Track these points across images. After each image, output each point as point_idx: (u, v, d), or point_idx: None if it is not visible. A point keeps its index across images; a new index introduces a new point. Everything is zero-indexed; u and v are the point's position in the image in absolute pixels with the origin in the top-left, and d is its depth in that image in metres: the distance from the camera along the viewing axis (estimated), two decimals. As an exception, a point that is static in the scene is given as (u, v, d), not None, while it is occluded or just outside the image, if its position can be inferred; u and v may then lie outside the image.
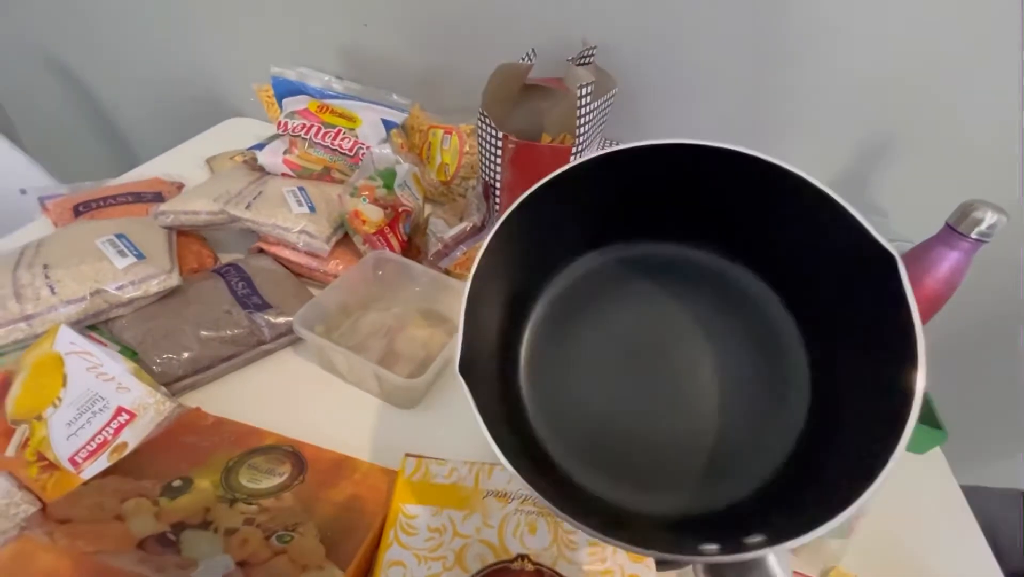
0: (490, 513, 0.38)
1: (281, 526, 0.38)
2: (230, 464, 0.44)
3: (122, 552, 0.34)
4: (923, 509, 0.57)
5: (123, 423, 0.46)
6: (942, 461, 0.63)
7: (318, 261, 0.65)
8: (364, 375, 0.55)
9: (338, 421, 0.55)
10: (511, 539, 0.37)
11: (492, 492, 0.39)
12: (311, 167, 0.70)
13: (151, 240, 0.58)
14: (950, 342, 0.82)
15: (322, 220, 0.64)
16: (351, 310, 0.61)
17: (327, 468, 0.46)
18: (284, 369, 0.59)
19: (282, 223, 0.62)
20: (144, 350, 0.52)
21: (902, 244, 0.71)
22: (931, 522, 0.56)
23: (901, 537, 0.54)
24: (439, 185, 0.85)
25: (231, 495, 0.41)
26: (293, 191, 0.65)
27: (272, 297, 0.60)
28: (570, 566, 0.36)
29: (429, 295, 0.63)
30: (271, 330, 0.58)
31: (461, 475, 0.40)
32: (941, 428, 0.61)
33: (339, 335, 0.58)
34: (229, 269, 0.62)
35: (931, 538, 0.54)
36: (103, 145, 1.23)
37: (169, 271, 0.55)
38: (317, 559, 0.36)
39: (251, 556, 0.36)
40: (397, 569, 0.35)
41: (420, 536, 0.36)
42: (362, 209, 0.62)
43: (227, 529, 0.37)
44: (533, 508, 0.39)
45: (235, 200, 0.63)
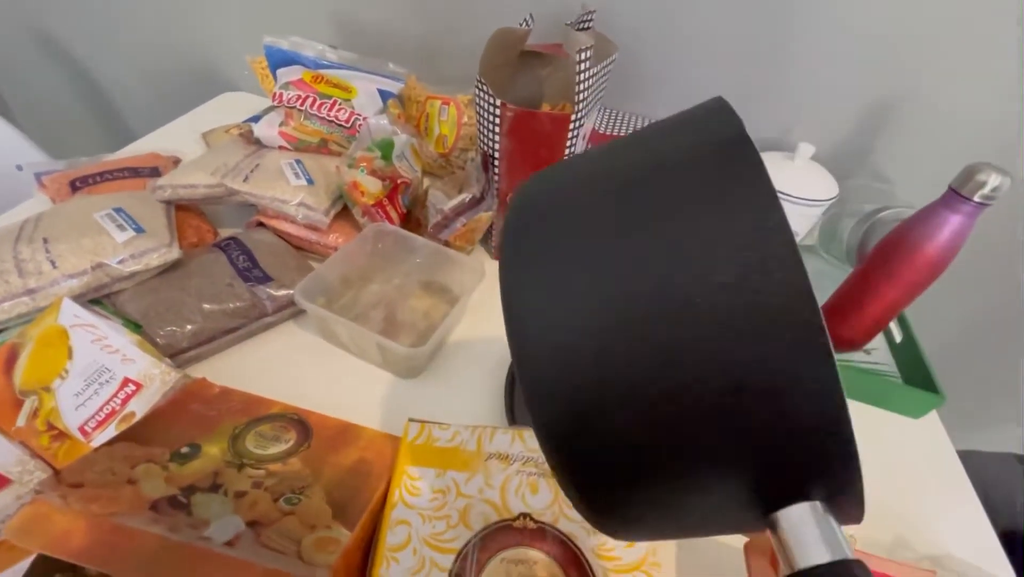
0: (492, 475, 0.39)
1: (289, 489, 0.39)
2: (237, 431, 0.44)
3: (135, 513, 0.35)
4: (919, 472, 0.58)
5: (130, 393, 0.47)
6: (938, 425, 0.64)
7: (318, 234, 0.65)
8: (366, 346, 0.56)
9: (342, 392, 0.56)
10: (513, 499, 0.38)
11: (494, 455, 0.40)
12: (308, 139, 0.69)
13: (150, 214, 0.58)
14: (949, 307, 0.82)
15: (320, 192, 0.63)
16: (352, 282, 0.62)
17: (332, 435, 0.46)
18: (287, 341, 0.60)
19: (280, 196, 0.62)
20: (148, 323, 0.52)
21: (904, 210, 0.71)
22: (926, 485, 0.57)
23: (896, 500, 0.55)
24: (438, 157, 0.85)
25: (239, 460, 0.41)
26: (291, 164, 0.65)
27: (273, 270, 0.60)
28: (571, 523, 0.37)
29: (430, 266, 0.64)
30: (273, 303, 0.58)
31: (463, 439, 0.41)
32: (939, 392, 0.62)
33: (340, 307, 0.59)
34: (230, 243, 0.62)
35: (926, 500, 0.55)
36: (98, 121, 1.22)
37: (169, 244, 0.55)
38: (325, 519, 0.37)
39: (260, 517, 0.37)
40: (403, 528, 0.36)
41: (424, 497, 0.37)
42: (360, 180, 0.61)
43: (236, 492, 0.38)
44: (534, 469, 0.40)
45: (232, 173, 0.63)
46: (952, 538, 0.51)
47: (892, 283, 0.62)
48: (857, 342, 0.70)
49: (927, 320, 0.72)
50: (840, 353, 0.70)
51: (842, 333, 0.69)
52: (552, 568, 0.35)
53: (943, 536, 0.51)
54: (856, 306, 0.67)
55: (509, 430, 0.42)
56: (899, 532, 0.51)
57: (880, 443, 0.57)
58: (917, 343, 0.68)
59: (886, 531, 0.51)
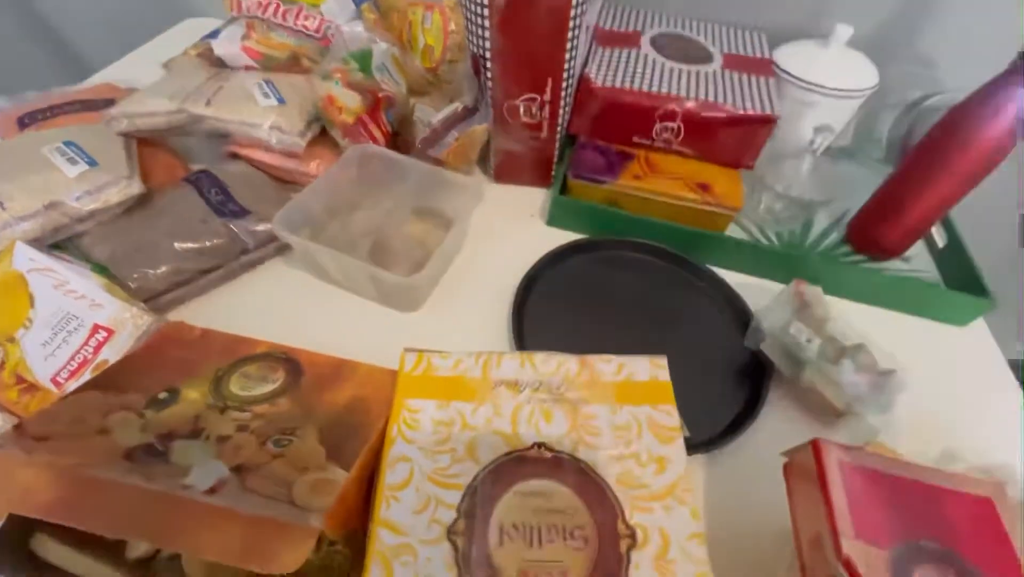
0: (501, 403, 0.35)
1: (277, 431, 0.36)
2: (220, 373, 0.41)
3: (109, 464, 0.32)
4: (966, 383, 0.54)
5: (102, 341, 0.43)
6: (986, 333, 0.59)
7: (296, 162, 0.59)
8: (358, 279, 0.51)
9: (336, 331, 0.51)
10: (525, 428, 0.34)
11: (502, 382, 0.36)
12: (275, 55, 0.61)
13: (105, 147, 0.52)
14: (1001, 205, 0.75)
15: (293, 113, 0.57)
16: (337, 211, 0.56)
17: (325, 372, 0.43)
18: (274, 279, 0.55)
19: (249, 119, 0.55)
20: (116, 266, 0.47)
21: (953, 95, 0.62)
22: (975, 396, 0.53)
23: (944, 412, 0.51)
24: (425, 72, 0.76)
25: (222, 403, 0.38)
26: (258, 83, 0.58)
27: (250, 203, 0.55)
28: (591, 451, 0.33)
29: (422, 190, 0.58)
30: (253, 238, 0.53)
31: (467, 366, 0.37)
32: (987, 295, 0.56)
33: (327, 238, 0.54)
34: (200, 177, 0.56)
35: (975, 412, 0.51)
36: (48, 56, 1.12)
37: (128, 177, 0.49)
38: (318, 460, 0.34)
39: (246, 461, 0.33)
40: (404, 465, 0.32)
41: (426, 431, 0.34)
42: (336, 94, 0.54)
43: (219, 436, 0.35)
44: (547, 396, 0.36)
45: (193, 97, 0.56)
46: (1003, 449, 0.47)
47: (942, 177, 0.55)
48: (895, 249, 0.64)
49: (973, 221, 0.65)
50: (876, 261, 0.64)
51: (878, 240, 0.63)
52: (572, 500, 0.31)
53: (993, 447, 0.47)
54: (896, 208, 0.60)
55: (518, 354, 0.37)
56: (947, 444, 0.47)
57: (923, 353, 0.52)
58: (964, 246, 0.62)
59: (933, 444, 0.47)
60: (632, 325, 0.55)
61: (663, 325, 0.55)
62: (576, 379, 0.36)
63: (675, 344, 0.53)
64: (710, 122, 0.59)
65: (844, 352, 0.51)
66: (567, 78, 0.57)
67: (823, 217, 0.68)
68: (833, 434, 0.48)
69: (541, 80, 0.57)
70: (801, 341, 0.49)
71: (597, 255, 0.61)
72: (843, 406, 0.47)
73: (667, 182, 0.60)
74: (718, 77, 0.62)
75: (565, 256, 0.59)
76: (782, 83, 0.66)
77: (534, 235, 0.63)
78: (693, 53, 0.66)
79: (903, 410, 0.50)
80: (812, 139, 0.60)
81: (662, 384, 0.36)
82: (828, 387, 0.47)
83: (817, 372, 0.48)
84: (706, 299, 0.58)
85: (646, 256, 0.61)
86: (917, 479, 0.34)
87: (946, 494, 0.33)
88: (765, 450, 0.46)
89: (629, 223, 0.60)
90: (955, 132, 0.53)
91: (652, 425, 0.34)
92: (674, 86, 0.60)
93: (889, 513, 0.32)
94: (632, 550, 0.30)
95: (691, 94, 0.59)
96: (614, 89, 0.60)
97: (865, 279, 0.58)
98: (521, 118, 0.60)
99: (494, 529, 0.30)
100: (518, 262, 0.57)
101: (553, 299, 0.55)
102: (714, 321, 0.56)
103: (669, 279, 0.59)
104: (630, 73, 0.61)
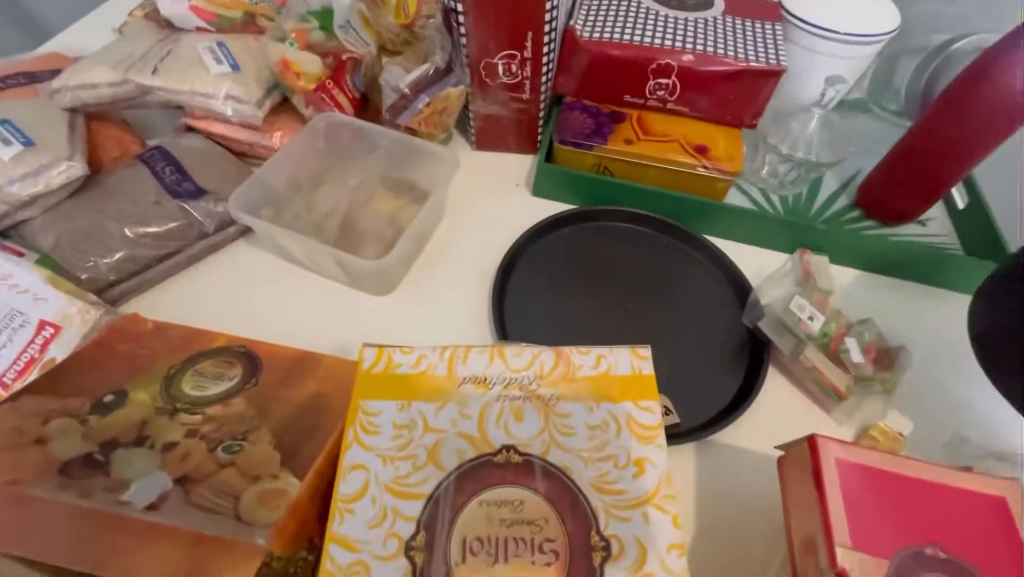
0: (468, 402, 0.32)
1: (229, 435, 0.33)
2: (172, 372, 0.38)
3: (42, 479, 0.29)
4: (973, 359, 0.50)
5: (49, 337, 0.40)
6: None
7: (258, 134, 0.55)
8: (325, 262, 0.48)
9: (304, 316, 0.48)
10: (494, 429, 0.31)
11: (470, 378, 0.33)
12: (228, 15, 0.56)
13: (44, 124, 0.48)
14: None
15: (249, 80, 0.52)
16: (302, 186, 0.52)
17: (286, 366, 0.40)
18: (238, 263, 0.52)
19: (201, 88, 0.50)
20: (62, 255, 0.44)
21: (983, 37, 0.56)
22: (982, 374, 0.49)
23: (956, 390, 0.47)
24: (400, 31, 0.70)
25: (171, 406, 0.35)
26: (210, 47, 0.52)
27: (208, 182, 0.51)
28: (565, 454, 0.30)
29: (393, 161, 0.53)
30: (213, 220, 0.50)
31: (431, 363, 0.34)
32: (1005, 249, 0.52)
33: (291, 217, 0.50)
34: (153, 153, 0.52)
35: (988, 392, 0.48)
36: (4, 18, 1.05)
37: (69, 157, 0.46)
38: (271, 468, 0.31)
39: (193, 471, 0.31)
40: (359, 473, 0.30)
41: (384, 435, 0.31)
42: (292, 58, 0.49)
43: (165, 444, 0.32)
44: (518, 392, 0.33)
45: (139, 65, 0.51)
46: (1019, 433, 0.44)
47: (967, 132, 0.50)
48: (911, 213, 0.59)
49: (998, 179, 0.59)
50: (889, 226, 0.59)
51: (893, 203, 0.58)
52: (542, 509, 0.29)
53: (1010, 432, 0.44)
54: (914, 167, 0.55)
55: (487, 348, 0.34)
56: (957, 427, 0.44)
57: (936, 326, 0.48)
58: (987, 206, 0.57)
59: (943, 426, 0.44)
60: (623, 303, 0.51)
61: (656, 301, 0.51)
62: (550, 374, 0.33)
63: (669, 322, 0.50)
64: (708, 77, 0.53)
65: (850, 328, 0.47)
66: (549, 31, 0.51)
67: (832, 178, 0.63)
68: (835, 417, 0.45)
69: (520, 34, 0.51)
70: (803, 318, 0.45)
71: (585, 227, 0.56)
72: (845, 388, 0.44)
73: (661, 146, 0.55)
74: (718, 24, 0.56)
75: (549, 230, 0.55)
76: (790, 28, 0.59)
77: (519, 206, 0.59)
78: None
79: (911, 389, 0.46)
80: (822, 92, 0.54)
81: (645, 378, 0.33)
82: (829, 368, 0.44)
83: (818, 351, 0.44)
84: (703, 272, 0.54)
85: (639, 227, 0.57)
86: (922, 477, 0.31)
87: (954, 494, 0.30)
88: (761, 437, 0.44)
89: (620, 191, 0.56)
90: (984, 80, 0.48)
91: (632, 423, 0.31)
92: (669, 37, 0.54)
93: (890, 516, 0.29)
94: (606, 563, 0.27)
95: (688, 46, 0.53)
96: (602, 42, 0.54)
97: (876, 247, 0.54)
98: (500, 78, 0.55)
99: (456, 543, 0.28)
100: (502, 237, 0.53)
101: (537, 277, 0.52)
102: (711, 296, 0.52)
103: (663, 251, 0.55)
104: (620, 24, 0.55)
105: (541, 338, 0.47)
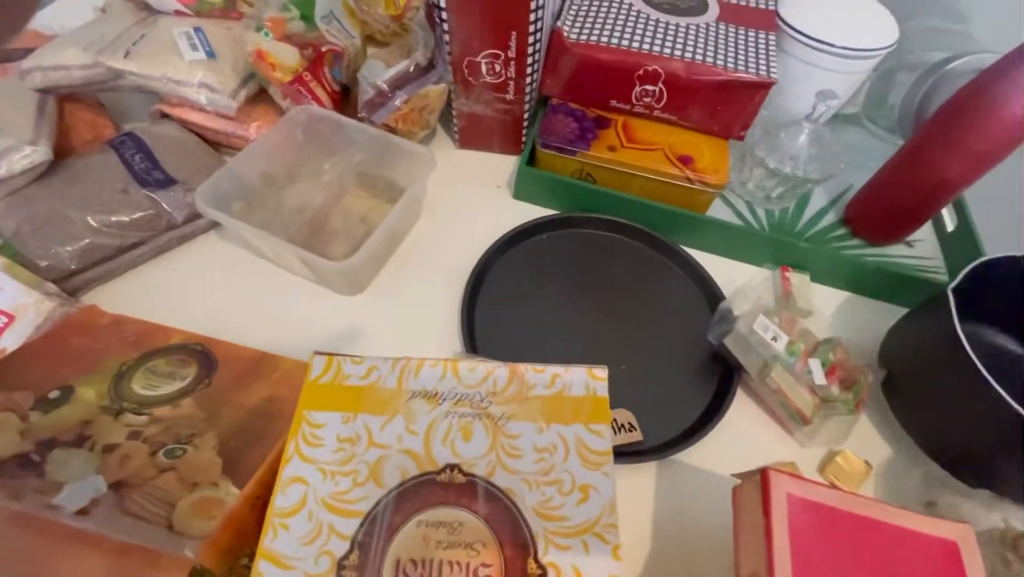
0: (415, 417, 0.31)
1: (173, 439, 0.33)
2: (123, 369, 0.37)
3: (-26, 478, 0.29)
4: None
5: (1, 327, 0.39)
6: (988, 328, 0.54)
7: (234, 124, 0.54)
8: (291, 261, 0.47)
9: (269, 314, 0.48)
10: (439, 447, 0.31)
11: (419, 393, 0.32)
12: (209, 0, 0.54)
13: (10, 107, 0.47)
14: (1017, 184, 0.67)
15: (225, 68, 0.50)
16: (275, 180, 0.51)
17: (242, 368, 0.39)
18: (207, 256, 0.51)
19: (174, 75, 0.49)
20: (22, 242, 0.43)
21: (982, 57, 0.54)
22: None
23: (926, 416, 0.46)
24: (390, 22, 0.69)
25: (118, 404, 0.35)
26: (186, 32, 0.51)
27: (178, 171, 0.50)
28: (510, 476, 0.30)
29: (369, 157, 0.52)
30: (182, 211, 0.49)
31: (381, 374, 0.33)
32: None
33: (261, 211, 0.49)
34: (124, 140, 0.51)
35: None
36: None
37: (33, 142, 0.44)
38: (211, 475, 0.31)
39: (131, 476, 0.30)
40: (297, 487, 0.29)
41: (327, 448, 0.30)
42: (267, 48, 0.48)
43: (106, 445, 0.32)
44: (468, 409, 0.32)
45: (111, 48, 0.50)
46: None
47: (958, 155, 0.48)
48: (898, 233, 0.58)
49: (988, 203, 0.58)
50: (875, 247, 0.58)
51: (881, 222, 0.57)
52: (481, 532, 0.28)
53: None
54: (904, 187, 0.53)
55: (440, 361, 0.33)
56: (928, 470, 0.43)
57: (914, 354, 0.47)
58: (975, 230, 0.56)
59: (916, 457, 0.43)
60: (596, 313, 0.50)
61: (629, 313, 0.51)
62: (504, 392, 0.32)
63: (641, 335, 0.49)
64: (696, 86, 0.52)
65: (815, 349, 0.46)
66: (535, 32, 0.50)
67: (821, 193, 0.62)
68: (796, 439, 0.44)
69: (504, 34, 0.50)
70: (766, 338, 0.44)
71: (563, 233, 0.55)
72: (811, 412, 0.43)
73: (645, 154, 0.54)
74: (711, 31, 0.55)
75: (526, 236, 0.54)
76: (784, 39, 0.58)
77: (499, 209, 0.57)
78: (684, 3, 0.57)
79: (884, 413, 0.46)
80: (813, 106, 0.52)
81: (599, 399, 0.32)
82: (795, 390, 0.43)
83: (785, 372, 0.44)
84: (680, 285, 0.53)
85: (618, 235, 0.56)
86: (875, 517, 0.30)
87: (906, 535, 0.30)
88: (725, 458, 0.43)
89: (602, 198, 0.55)
90: (980, 102, 0.46)
91: (581, 447, 0.31)
92: (658, 43, 0.53)
93: (838, 556, 0.29)
94: (542, 592, 0.27)
95: (677, 53, 0.52)
96: (589, 45, 0.53)
97: (858, 268, 0.53)
98: (484, 77, 0.54)
99: (390, 564, 0.27)
100: (478, 239, 0.52)
101: (511, 283, 0.51)
102: (687, 310, 0.51)
103: (641, 262, 0.54)
104: (609, 27, 0.54)
105: (509, 345, 0.47)
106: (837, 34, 0.55)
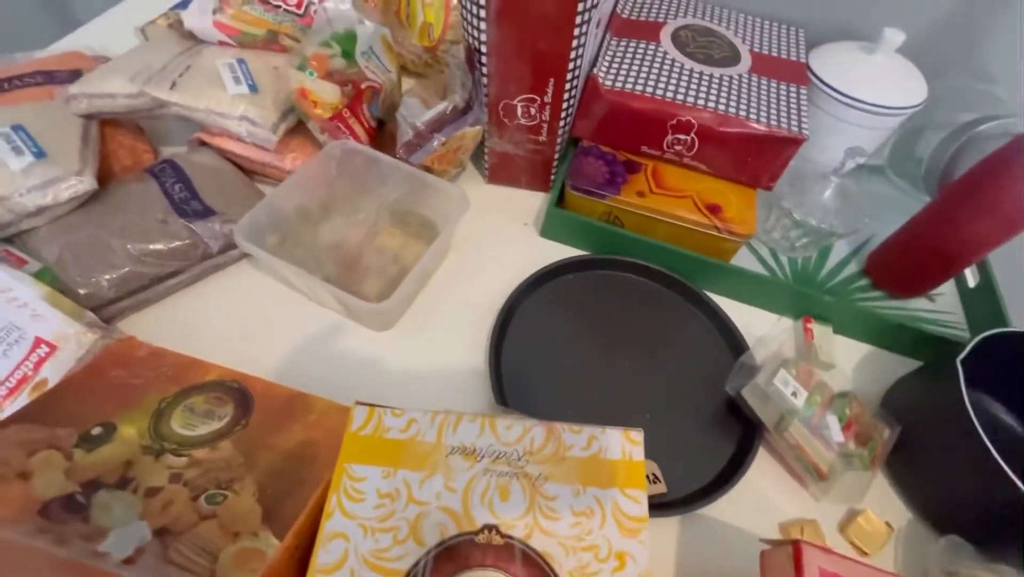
0: (454, 474, 0.32)
1: (213, 483, 0.33)
2: (163, 405, 0.38)
3: (21, 520, 0.29)
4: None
5: (43, 356, 0.40)
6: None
7: (271, 155, 0.54)
8: (325, 297, 0.47)
9: (301, 346, 0.48)
10: (478, 506, 0.31)
11: (458, 448, 0.33)
12: (252, 31, 0.55)
13: (58, 133, 0.47)
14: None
15: (267, 102, 0.51)
16: (310, 214, 0.52)
17: (277, 407, 0.39)
18: (240, 286, 0.52)
19: (216, 107, 0.50)
20: (64, 269, 0.44)
21: (1014, 121, 0.55)
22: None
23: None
24: (423, 53, 0.70)
25: (159, 444, 0.35)
26: (230, 64, 0.52)
27: (216, 202, 0.51)
28: (547, 539, 0.30)
29: (404, 195, 0.53)
30: (218, 241, 0.49)
31: (421, 428, 0.33)
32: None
33: (296, 246, 0.50)
34: (164, 167, 0.51)
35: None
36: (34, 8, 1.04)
37: (79, 172, 0.45)
38: (251, 524, 0.31)
39: (173, 522, 0.31)
40: (339, 542, 0.29)
41: (368, 503, 0.31)
42: (310, 87, 0.49)
43: (149, 489, 0.32)
44: (507, 467, 0.32)
45: (157, 78, 0.51)
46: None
47: (987, 217, 0.49)
48: (921, 288, 0.58)
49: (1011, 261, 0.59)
50: (896, 298, 0.59)
51: (904, 276, 0.58)
52: (518, 597, 0.28)
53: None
54: (929, 244, 0.54)
55: (478, 417, 0.34)
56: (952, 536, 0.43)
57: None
58: (996, 288, 0.56)
59: (931, 522, 0.44)
60: (622, 359, 0.51)
61: (655, 359, 0.51)
62: (540, 451, 0.33)
63: (666, 383, 0.50)
64: (727, 138, 0.53)
65: (831, 402, 0.47)
66: (572, 79, 0.51)
67: (843, 243, 0.63)
68: (811, 493, 0.45)
69: (542, 80, 0.51)
70: (786, 392, 0.45)
71: (590, 275, 0.56)
72: (828, 467, 0.43)
73: (674, 201, 0.55)
74: (743, 83, 0.56)
75: (553, 275, 0.55)
76: (814, 91, 0.58)
77: (526, 246, 0.58)
78: (717, 53, 0.58)
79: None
80: (842, 162, 0.53)
81: (634, 464, 0.33)
82: (812, 445, 0.44)
83: (802, 427, 0.44)
84: (705, 333, 0.54)
85: (644, 279, 0.56)
86: (907, 595, 0.30)
87: (937, 615, 0.30)
88: (749, 513, 0.43)
89: (629, 242, 0.55)
90: (1008, 170, 0.47)
91: (617, 512, 0.31)
92: (692, 93, 0.54)
93: (869, 635, 0.29)
94: (577, 660, 0.27)
95: (710, 104, 0.53)
96: (623, 93, 0.53)
97: (882, 323, 0.53)
98: (518, 119, 0.55)
99: (429, 626, 0.27)
100: (505, 277, 0.53)
101: (537, 324, 0.51)
102: (710, 358, 0.52)
103: (667, 307, 0.55)
104: (644, 75, 0.55)
105: (536, 389, 0.47)
106: (867, 91, 0.56)
